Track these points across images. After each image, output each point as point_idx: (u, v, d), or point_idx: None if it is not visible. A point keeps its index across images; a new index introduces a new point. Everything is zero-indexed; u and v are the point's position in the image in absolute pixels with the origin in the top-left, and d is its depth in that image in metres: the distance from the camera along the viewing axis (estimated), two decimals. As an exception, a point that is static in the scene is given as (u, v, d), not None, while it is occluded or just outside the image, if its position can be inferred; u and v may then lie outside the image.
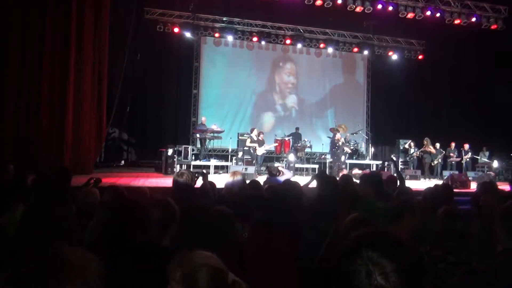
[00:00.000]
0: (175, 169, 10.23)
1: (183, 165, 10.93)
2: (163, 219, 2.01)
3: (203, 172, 4.03)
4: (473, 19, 12.88)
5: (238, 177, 3.66)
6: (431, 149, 12.48)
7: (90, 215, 2.82)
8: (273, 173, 6.37)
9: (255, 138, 11.35)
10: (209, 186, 3.80)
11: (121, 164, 13.36)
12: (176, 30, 13.48)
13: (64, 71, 9.20)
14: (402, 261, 0.89)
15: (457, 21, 12.86)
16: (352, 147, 12.76)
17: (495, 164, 12.52)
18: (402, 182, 4.72)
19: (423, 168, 12.56)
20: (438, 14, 12.65)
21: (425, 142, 12.54)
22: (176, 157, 10.66)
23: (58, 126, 9.14)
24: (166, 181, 8.17)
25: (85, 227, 2.74)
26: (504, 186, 8.82)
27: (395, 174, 5.67)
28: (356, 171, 11.78)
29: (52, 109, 9.18)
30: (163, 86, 14.21)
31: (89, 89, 9.64)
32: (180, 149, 11.03)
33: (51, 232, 1.66)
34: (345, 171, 10.23)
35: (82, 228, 2.72)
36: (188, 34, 13.57)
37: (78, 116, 9.41)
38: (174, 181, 3.39)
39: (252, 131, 11.45)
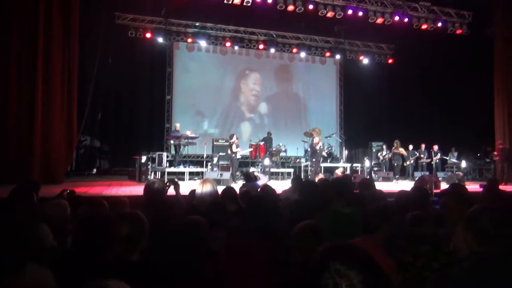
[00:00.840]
0: (149, 177, 10.08)
1: (157, 172, 10.78)
2: (132, 233, 1.96)
3: (174, 180, 3.96)
4: (439, 24, 13.35)
5: (208, 186, 3.61)
6: (400, 151, 12.74)
7: (58, 229, 2.72)
8: (250, 178, 6.36)
9: (237, 144, 11.36)
10: (181, 195, 3.75)
11: (93, 172, 13.09)
12: (148, 35, 13.31)
13: (31, 78, 8.96)
14: (369, 272, 0.90)
15: (424, 26, 13.30)
16: (326, 151, 12.90)
17: (463, 164, 12.92)
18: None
19: (395, 170, 12.82)
20: (406, 19, 13.03)
21: (395, 144, 12.81)
22: (150, 164, 10.50)
23: (26, 135, 8.87)
24: (140, 189, 7.99)
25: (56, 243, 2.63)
26: (472, 186, 9.23)
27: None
28: (339, 170, 11.83)
29: (20, 118, 8.90)
30: (135, 92, 14.00)
31: (58, 96, 9.41)
32: (154, 156, 10.87)
33: (17, 252, 1.59)
34: (321, 175, 10.30)
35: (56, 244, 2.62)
36: (160, 40, 13.42)
37: (48, 124, 9.16)
38: (145, 191, 3.33)
39: (231, 137, 11.43)
